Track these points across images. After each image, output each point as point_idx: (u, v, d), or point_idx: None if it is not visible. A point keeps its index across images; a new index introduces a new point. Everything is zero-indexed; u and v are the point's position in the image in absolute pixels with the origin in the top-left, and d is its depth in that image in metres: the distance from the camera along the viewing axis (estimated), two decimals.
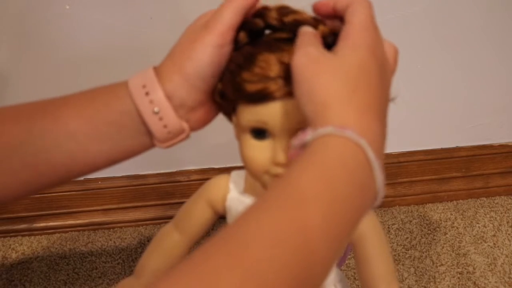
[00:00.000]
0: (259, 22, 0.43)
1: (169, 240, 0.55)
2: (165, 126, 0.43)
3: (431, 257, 0.79)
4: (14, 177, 0.45)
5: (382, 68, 0.38)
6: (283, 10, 0.42)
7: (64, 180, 0.47)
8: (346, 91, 0.35)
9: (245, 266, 0.28)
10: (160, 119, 0.43)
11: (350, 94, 0.35)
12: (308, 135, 0.34)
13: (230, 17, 0.42)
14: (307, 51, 0.37)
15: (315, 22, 0.41)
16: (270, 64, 0.40)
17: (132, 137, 0.44)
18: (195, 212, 0.54)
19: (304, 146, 0.35)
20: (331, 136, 0.34)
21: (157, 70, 0.44)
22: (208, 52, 0.42)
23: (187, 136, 0.46)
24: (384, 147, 0.37)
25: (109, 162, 0.46)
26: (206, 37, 0.42)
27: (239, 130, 0.45)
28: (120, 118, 0.43)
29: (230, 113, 0.46)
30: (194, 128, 0.46)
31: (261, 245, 0.29)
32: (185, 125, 0.44)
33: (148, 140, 0.45)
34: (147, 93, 0.42)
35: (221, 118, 0.49)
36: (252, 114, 0.42)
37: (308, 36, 0.39)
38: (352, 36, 0.38)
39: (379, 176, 0.34)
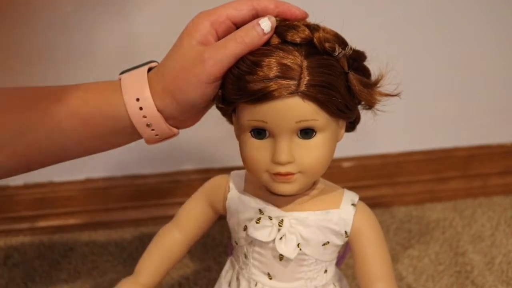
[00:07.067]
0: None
1: (169, 239, 0.56)
2: (156, 134, 0.46)
3: (429, 256, 0.79)
4: (4, 163, 0.46)
5: None
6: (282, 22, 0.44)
7: (53, 164, 0.49)
8: None
9: None
10: (152, 130, 0.45)
11: None
12: None
13: (234, 55, 0.42)
14: None
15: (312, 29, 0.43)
16: (270, 67, 0.41)
17: (123, 136, 0.47)
18: (195, 212, 0.55)
19: None
20: None
21: (149, 82, 0.45)
22: (202, 87, 0.43)
23: (176, 135, 0.48)
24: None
25: (100, 151, 0.49)
26: (202, 73, 0.42)
27: (240, 130, 0.46)
28: (113, 123, 0.45)
29: (230, 114, 0.47)
30: (184, 128, 0.48)
31: None
32: (175, 130, 0.47)
33: (138, 137, 0.47)
34: (141, 108, 0.44)
35: (221, 119, 0.50)
36: (252, 113, 0.43)
37: None
38: None
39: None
